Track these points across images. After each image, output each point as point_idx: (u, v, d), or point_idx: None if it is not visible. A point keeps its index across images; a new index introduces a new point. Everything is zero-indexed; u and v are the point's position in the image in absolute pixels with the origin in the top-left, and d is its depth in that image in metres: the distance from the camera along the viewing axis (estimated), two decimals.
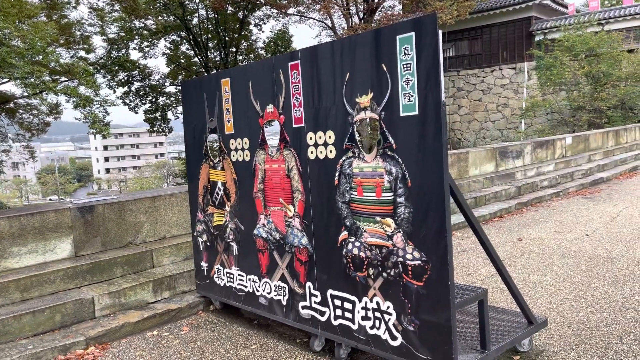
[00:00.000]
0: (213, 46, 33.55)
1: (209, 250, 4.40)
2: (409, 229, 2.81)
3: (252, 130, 3.77)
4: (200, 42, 32.23)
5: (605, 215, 7.39)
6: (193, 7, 30.76)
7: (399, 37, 2.72)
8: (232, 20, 31.67)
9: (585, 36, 21.50)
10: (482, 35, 29.81)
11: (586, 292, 4.31)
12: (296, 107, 3.39)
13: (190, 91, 4.37)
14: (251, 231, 3.90)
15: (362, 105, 2.97)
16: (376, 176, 2.94)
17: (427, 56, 2.62)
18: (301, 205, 3.46)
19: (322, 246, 3.35)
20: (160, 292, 4.60)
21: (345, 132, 3.09)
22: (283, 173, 3.56)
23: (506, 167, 9.77)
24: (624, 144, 14.54)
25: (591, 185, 10.24)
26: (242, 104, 3.83)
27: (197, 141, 4.37)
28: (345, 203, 3.15)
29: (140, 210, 5.12)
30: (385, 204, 2.92)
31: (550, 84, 22.76)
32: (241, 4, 30.05)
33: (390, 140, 2.85)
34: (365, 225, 3.05)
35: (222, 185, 4.15)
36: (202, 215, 4.43)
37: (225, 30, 32.59)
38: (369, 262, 3.05)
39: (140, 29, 30.20)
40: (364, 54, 2.92)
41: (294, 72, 3.37)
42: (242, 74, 3.83)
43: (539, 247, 5.91)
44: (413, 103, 2.71)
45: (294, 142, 3.45)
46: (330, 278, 3.32)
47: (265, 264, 3.81)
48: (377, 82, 2.87)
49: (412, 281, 2.83)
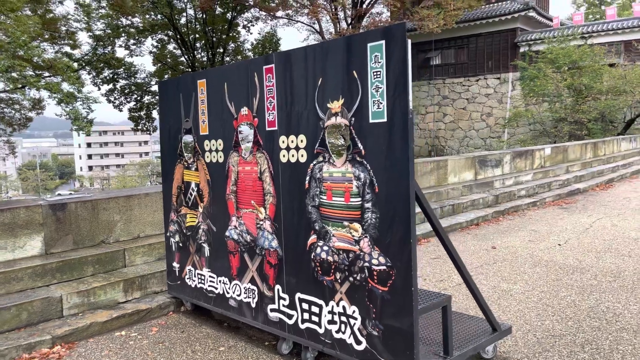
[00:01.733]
0: (200, 46, 33.43)
1: (181, 251, 4.38)
2: (376, 234, 2.84)
3: (227, 132, 3.78)
4: (188, 42, 32.08)
5: (579, 225, 7.52)
6: (181, 6, 30.62)
7: (370, 45, 2.76)
8: (220, 21, 31.59)
9: (568, 49, 21.90)
10: (469, 44, 30.15)
11: (553, 301, 4.38)
12: (270, 111, 3.41)
13: (167, 91, 4.36)
14: (223, 233, 3.90)
15: (333, 111, 3.00)
16: (345, 181, 2.97)
17: (396, 65, 2.66)
18: (272, 208, 3.47)
19: (291, 249, 3.37)
20: (131, 292, 4.56)
21: (316, 137, 3.11)
22: (255, 175, 3.57)
23: (485, 175, 9.89)
24: (601, 156, 14.81)
25: (568, 196, 10.41)
26: (217, 105, 3.83)
27: (172, 141, 4.36)
28: (315, 207, 3.17)
29: (114, 209, 5.08)
30: (354, 209, 2.95)
31: (533, 95, 23.12)
32: (230, 5, 30.01)
33: (359, 146, 2.88)
34: (333, 229, 3.07)
35: (196, 186, 4.14)
36: (175, 216, 4.42)
37: (213, 31, 32.50)
38: (337, 267, 3.07)
39: (127, 27, 29.97)
40: (336, 60, 2.95)
41: (268, 75, 3.39)
42: (218, 76, 3.84)
43: (512, 255, 5.99)
44: (382, 110, 2.74)
45: (267, 145, 3.46)
46: (299, 281, 3.33)
47: (236, 266, 3.81)
48: (348, 88, 2.90)
49: (377, 286, 2.85)
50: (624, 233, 6.88)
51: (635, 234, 6.80)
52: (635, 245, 6.22)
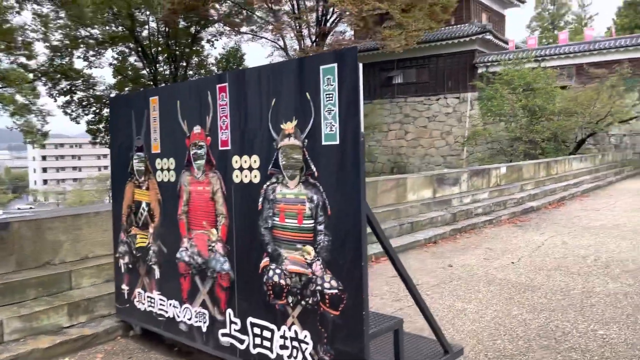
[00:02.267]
0: (163, 59, 32.97)
1: (130, 272, 4.22)
2: (328, 257, 2.81)
3: (179, 150, 3.69)
4: (150, 55, 31.58)
5: (531, 243, 7.73)
6: (143, 19, 30.19)
7: (322, 67, 2.76)
8: (184, 35, 31.31)
9: (523, 71, 22.73)
10: (429, 64, 30.93)
11: (505, 320, 4.45)
12: (223, 130, 3.35)
13: (119, 107, 4.24)
14: (174, 254, 3.78)
15: (286, 132, 2.97)
16: (298, 203, 2.93)
17: (348, 88, 2.66)
18: (224, 229, 3.39)
19: (243, 272, 3.29)
20: (76, 316, 4.35)
21: (270, 158, 3.07)
22: (207, 196, 3.49)
23: (443, 193, 10.07)
24: (554, 175, 15.35)
25: (522, 214, 10.71)
26: (170, 123, 3.74)
27: (123, 159, 4.22)
28: (267, 229, 3.12)
29: (60, 228, 4.87)
30: (306, 232, 2.91)
31: (490, 115, 23.83)
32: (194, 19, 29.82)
33: (312, 168, 2.86)
34: (286, 252, 3.02)
35: (147, 205, 4.01)
36: (125, 236, 4.27)
37: (176, 44, 32.15)
38: (289, 290, 3.02)
39: (86, 38, 29.29)
40: (290, 82, 2.94)
41: (221, 94, 3.34)
42: (171, 93, 3.76)
43: (468, 273, 6.07)
44: (334, 132, 2.74)
45: (220, 164, 3.39)
46: (251, 305, 3.25)
47: (187, 289, 3.70)
48: (301, 109, 2.89)
49: (328, 310, 2.81)
50: (573, 251, 7.10)
51: (584, 252, 7.03)
52: (584, 263, 6.42)
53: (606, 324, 4.30)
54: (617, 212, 10.85)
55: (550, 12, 52.06)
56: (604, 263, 6.40)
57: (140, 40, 30.63)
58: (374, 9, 22.35)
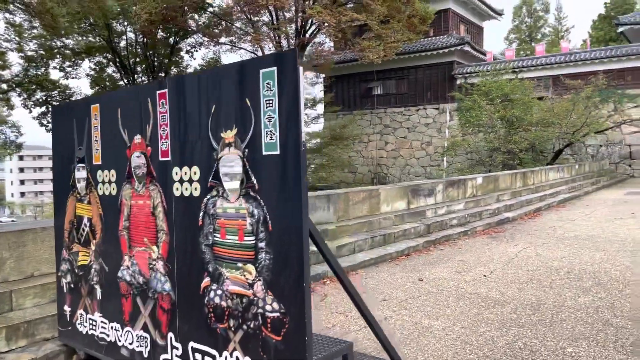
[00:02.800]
0: (141, 70, 32.56)
1: (72, 292, 3.94)
2: (269, 277, 2.58)
3: (120, 161, 3.44)
4: (128, 66, 31.17)
5: (505, 255, 7.59)
6: (121, 29, 29.83)
7: (262, 71, 2.56)
8: (162, 46, 31.00)
9: (500, 82, 22.93)
10: (409, 75, 31.10)
11: (472, 338, 4.25)
12: (163, 139, 3.12)
13: (60, 116, 3.98)
14: (115, 273, 3.52)
15: (226, 141, 2.76)
16: (239, 218, 2.71)
17: (288, 93, 2.46)
18: (165, 246, 3.15)
19: (185, 293, 3.04)
20: (15, 339, 4.03)
21: (210, 169, 2.85)
22: (148, 210, 3.25)
23: (418, 204, 9.91)
24: (531, 185, 15.35)
25: (497, 225, 10.60)
26: (111, 132, 3.50)
27: (64, 171, 3.95)
28: (208, 246, 2.88)
29: (3, 245, 4.55)
30: (247, 249, 2.68)
31: (469, 125, 23.96)
32: (173, 29, 29.54)
33: (253, 180, 2.64)
34: (227, 271, 2.79)
35: (88, 220, 3.75)
36: (67, 254, 3.98)
37: (154, 55, 31.79)
38: (230, 313, 2.78)
39: (62, 48, 28.81)
40: (229, 87, 2.73)
41: (162, 101, 3.11)
42: (111, 100, 3.52)
43: (438, 288, 5.88)
44: (275, 142, 2.53)
45: (160, 176, 3.16)
46: (192, 329, 3.00)
47: (128, 311, 3.43)
48: (241, 117, 2.68)
49: (270, 335, 2.58)
50: (546, 263, 6.97)
51: (558, 264, 6.90)
52: (556, 275, 6.29)
53: (575, 341, 4.13)
54: (592, 222, 10.82)
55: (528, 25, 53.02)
56: (577, 275, 6.27)
57: (118, 51, 30.23)
58: (352, 20, 22.37)
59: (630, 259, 7.07)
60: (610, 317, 4.69)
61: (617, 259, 7.14)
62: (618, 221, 10.80)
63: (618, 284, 5.81)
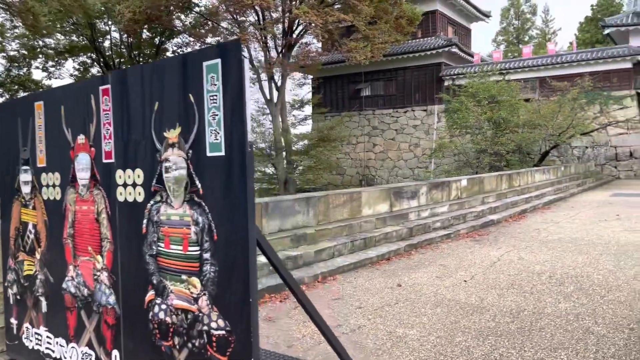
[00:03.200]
0: None
1: (19, 304, 3.67)
2: (214, 291, 2.35)
3: (64, 164, 3.19)
4: (113, 66, 30.69)
5: (487, 259, 7.40)
6: (105, 28, 29.38)
7: (206, 64, 2.33)
8: (148, 46, 30.63)
9: (488, 84, 22.83)
10: (397, 77, 30.99)
11: (447, 348, 4.04)
12: (107, 140, 2.87)
13: (4, 115, 3.71)
14: (60, 285, 3.26)
15: (170, 141, 2.52)
16: (183, 226, 2.47)
17: (233, 88, 2.23)
18: (110, 256, 2.90)
19: (129, 307, 2.79)
20: None
21: (153, 172, 2.61)
22: (92, 216, 3.00)
23: (401, 207, 9.71)
24: (516, 187, 15.24)
25: (481, 228, 10.43)
26: (54, 132, 3.24)
27: (9, 174, 3.68)
28: (152, 256, 2.64)
29: None
30: (192, 260, 2.44)
31: (457, 127, 23.82)
32: (158, 29, 29.17)
33: (197, 184, 2.40)
34: (171, 284, 2.55)
35: (33, 227, 3.48)
36: (13, 263, 3.71)
37: (140, 55, 31.38)
38: (175, 329, 2.54)
39: (45, 48, 28.33)
40: (173, 82, 2.49)
41: (105, 97, 2.86)
42: (55, 97, 3.26)
43: (416, 294, 5.67)
44: (219, 142, 2.30)
45: (104, 180, 2.91)
46: (137, 346, 2.75)
47: (73, 326, 3.17)
48: (184, 115, 2.44)
49: (216, 355, 2.34)
50: (528, 267, 6.80)
51: (540, 268, 6.73)
52: (538, 280, 6.11)
53: (554, 350, 3.93)
54: (576, 224, 10.69)
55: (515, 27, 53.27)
56: (559, 280, 6.10)
57: (102, 51, 29.79)
58: (339, 20, 22.17)
59: (614, 263, 6.92)
60: (591, 324, 4.51)
61: (600, 262, 6.99)
62: (602, 223, 10.68)
63: (600, 289, 5.64)
